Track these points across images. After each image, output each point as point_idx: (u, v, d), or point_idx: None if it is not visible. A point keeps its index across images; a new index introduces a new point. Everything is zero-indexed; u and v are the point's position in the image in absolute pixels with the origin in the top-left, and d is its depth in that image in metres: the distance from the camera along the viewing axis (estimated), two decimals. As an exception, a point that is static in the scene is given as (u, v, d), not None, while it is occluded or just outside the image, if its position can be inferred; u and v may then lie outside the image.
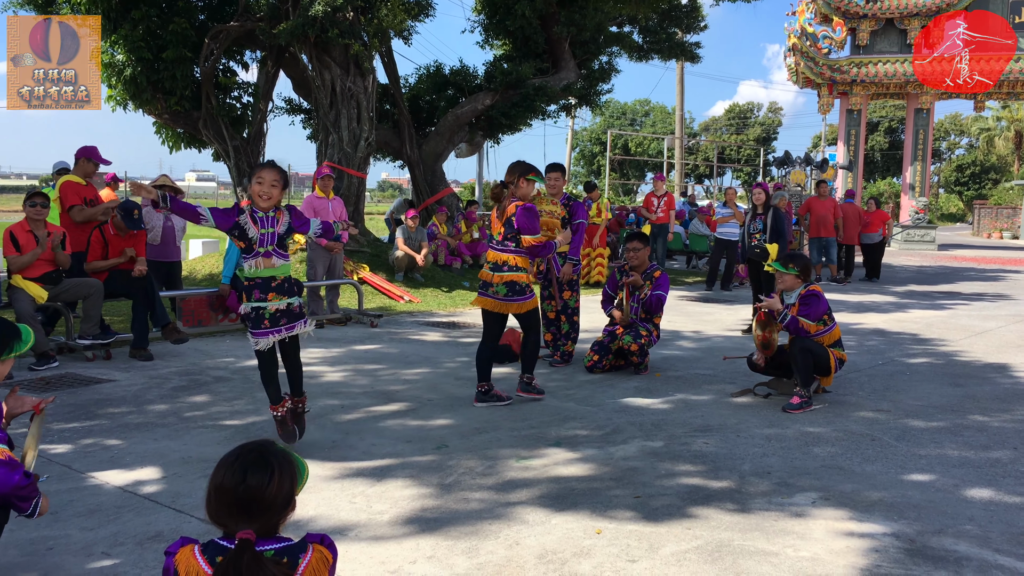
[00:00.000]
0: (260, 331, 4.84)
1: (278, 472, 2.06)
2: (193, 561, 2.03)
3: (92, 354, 7.55)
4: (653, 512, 4.06)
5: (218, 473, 2.06)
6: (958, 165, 60.03)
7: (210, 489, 2.07)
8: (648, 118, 64.28)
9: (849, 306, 12.08)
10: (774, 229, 9.84)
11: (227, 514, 2.04)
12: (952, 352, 8.57)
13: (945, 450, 5.14)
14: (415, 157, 16.02)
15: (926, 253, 25.34)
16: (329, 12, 11.84)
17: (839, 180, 26.55)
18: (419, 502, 4.18)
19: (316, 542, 2.12)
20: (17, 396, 3.18)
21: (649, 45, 18.87)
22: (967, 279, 17.00)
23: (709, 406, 6.23)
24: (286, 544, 2.07)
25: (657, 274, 7.36)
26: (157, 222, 8.72)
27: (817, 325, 6.18)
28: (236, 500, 2.02)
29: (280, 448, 2.13)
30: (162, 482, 4.42)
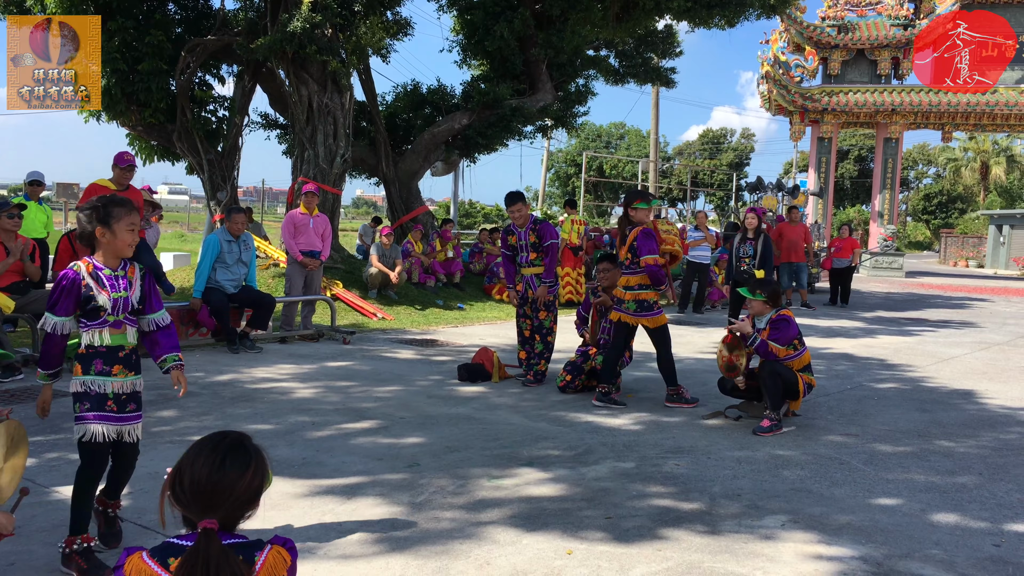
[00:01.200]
0: (100, 414, 3.64)
1: (255, 464, 2.03)
2: (144, 566, 1.97)
3: (58, 367, 7.42)
4: (624, 533, 4.06)
5: (194, 456, 2.00)
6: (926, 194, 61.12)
7: (181, 470, 2.00)
8: (623, 141, 64.79)
9: (818, 331, 12.22)
10: (763, 255, 9.94)
11: (194, 499, 1.98)
12: (919, 378, 8.69)
13: (912, 475, 5.20)
14: (391, 175, 16.02)
15: (894, 280, 25.71)
16: (308, 29, 11.86)
17: (810, 207, 26.91)
18: (389, 521, 4.15)
19: (276, 544, 2.08)
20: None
21: (625, 69, 19.08)
22: (934, 306, 17.27)
23: (680, 428, 6.26)
24: (242, 540, 2.02)
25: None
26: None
27: (787, 349, 6.24)
28: (209, 486, 1.97)
29: (255, 441, 2.11)
30: (128, 498, 4.35)
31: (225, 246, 8.85)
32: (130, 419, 3.77)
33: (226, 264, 8.86)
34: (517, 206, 7.72)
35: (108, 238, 3.55)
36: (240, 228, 8.96)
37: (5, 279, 7.23)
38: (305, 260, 9.90)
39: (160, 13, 13.37)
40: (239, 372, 7.86)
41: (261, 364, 8.29)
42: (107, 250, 3.59)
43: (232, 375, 7.72)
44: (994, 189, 55.64)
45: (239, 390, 7.10)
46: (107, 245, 3.57)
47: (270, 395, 6.92)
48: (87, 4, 12.06)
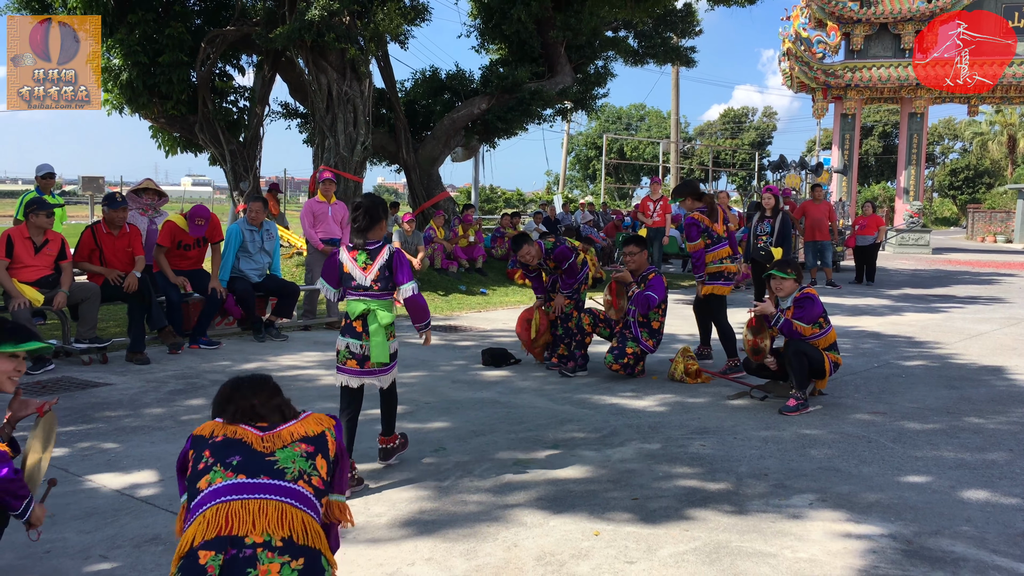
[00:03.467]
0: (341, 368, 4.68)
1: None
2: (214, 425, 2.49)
3: (88, 358, 7.54)
4: (651, 514, 4.07)
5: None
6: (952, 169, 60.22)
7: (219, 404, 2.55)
8: (643, 122, 64.39)
9: (844, 309, 12.12)
10: (781, 233, 9.87)
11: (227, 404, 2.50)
12: (947, 355, 8.60)
13: (941, 452, 5.16)
14: (411, 161, 16.03)
15: (920, 257, 25.42)
16: (326, 16, 11.86)
17: (833, 184, 26.63)
18: (417, 504, 4.19)
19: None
20: (21, 400, 3.16)
21: (644, 50, 18.93)
22: (962, 282, 17.06)
23: (705, 408, 6.24)
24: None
25: (651, 276, 7.36)
26: (142, 226, 8.72)
27: (812, 328, 6.19)
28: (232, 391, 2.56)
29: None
30: (159, 485, 4.42)
31: (247, 235, 8.90)
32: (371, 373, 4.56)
33: (249, 253, 8.92)
34: (523, 250, 7.48)
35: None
36: (257, 217, 8.99)
37: (33, 273, 7.32)
38: (326, 248, 9.95)
39: (179, 5, 13.41)
40: (265, 360, 7.93)
41: (287, 352, 8.36)
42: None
43: (259, 363, 7.79)
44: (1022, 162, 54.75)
45: (266, 378, 7.16)
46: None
47: (296, 382, 6.98)
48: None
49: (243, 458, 2.23)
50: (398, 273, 4.48)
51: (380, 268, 4.45)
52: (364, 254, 4.49)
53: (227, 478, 2.18)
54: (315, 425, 2.47)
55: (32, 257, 7.37)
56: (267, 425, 2.41)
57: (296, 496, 2.18)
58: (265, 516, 2.10)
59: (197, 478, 2.25)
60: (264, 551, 2.07)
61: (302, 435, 2.35)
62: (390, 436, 4.77)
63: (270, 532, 2.09)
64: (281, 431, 2.37)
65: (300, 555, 2.09)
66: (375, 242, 4.52)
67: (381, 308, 4.47)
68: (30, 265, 7.34)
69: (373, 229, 4.51)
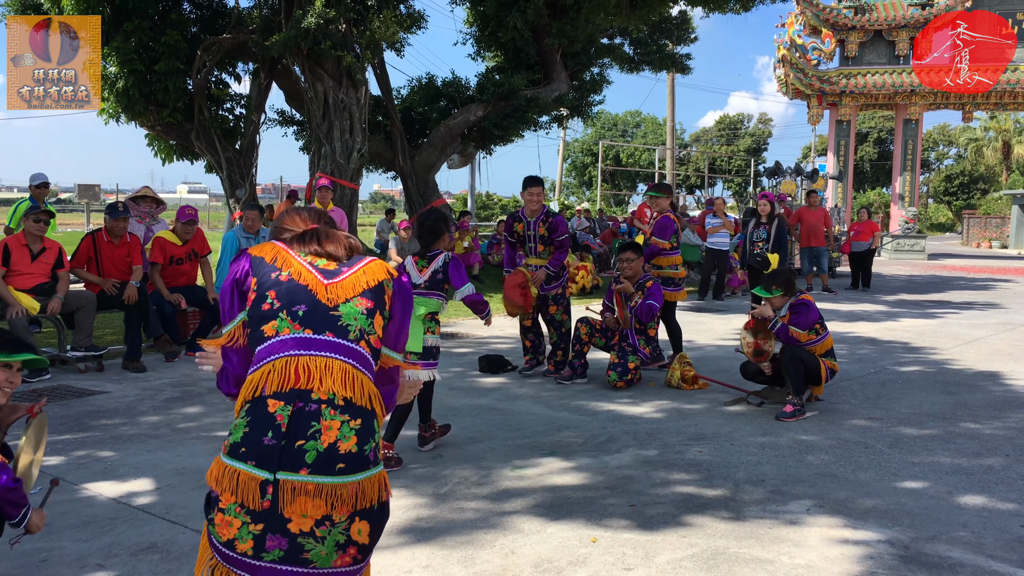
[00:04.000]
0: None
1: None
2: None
3: (84, 366, 7.53)
4: (648, 520, 4.07)
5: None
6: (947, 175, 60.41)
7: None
8: (639, 129, 64.51)
9: (840, 315, 12.13)
10: (777, 239, 9.90)
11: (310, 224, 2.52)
12: (943, 360, 8.61)
13: (938, 457, 5.16)
14: (408, 168, 16.05)
15: (916, 262, 25.48)
16: (322, 24, 11.89)
17: (829, 190, 26.69)
18: (414, 512, 4.18)
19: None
20: (10, 405, 3.15)
21: (640, 57, 19.00)
22: (957, 288, 17.10)
23: (702, 415, 6.25)
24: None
25: (649, 284, 7.36)
26: (139, 233, 8.71)
27: (808, 334, 6.20)
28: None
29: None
30: (156, 493, 4.41)
31: (243, 243, 8.91)
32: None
33: (245, 261, 8.92)
34: (536, 189, 7.40)
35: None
36: (254, 225, 9.01)
37: (29, 280, 7.31)
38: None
39: (175, 13, 13.46)
40: (262, 368, 7.91)
41: (283, 359, 8.34)
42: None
43: (255, 371, 7.77)
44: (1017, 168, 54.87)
45: (262, 385, 7.15)
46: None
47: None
48: (102, 5, 12.14)
49: (308, 309, 2.29)
50: (454, 278, 5.19)
51: (433, 271, 5.17)
52: (424, 260, 5.26)
53: (294, 330, 2.26)
54: (380, 273, 2.44)
55: (29, 265, 7.36)
56: (333, 268, 2.41)
57: (357, 357, 2.29)
58: (331, 375, 2.21)
59: (262, 319, 2.30)
60: (327, 408, 2.18)
61: (363, 287, 2.38)
62: (428, 423, 5.30)
63: (334, 391, 2.20)
64: (345, 280, 2.38)
65: (358, 416, 2.22)
66: (436, 251, 5.24)
67: (419, 301, 4.92)
68: (26, 273, 7.33)
69: (437, 243, 5.25)
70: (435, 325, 5.04)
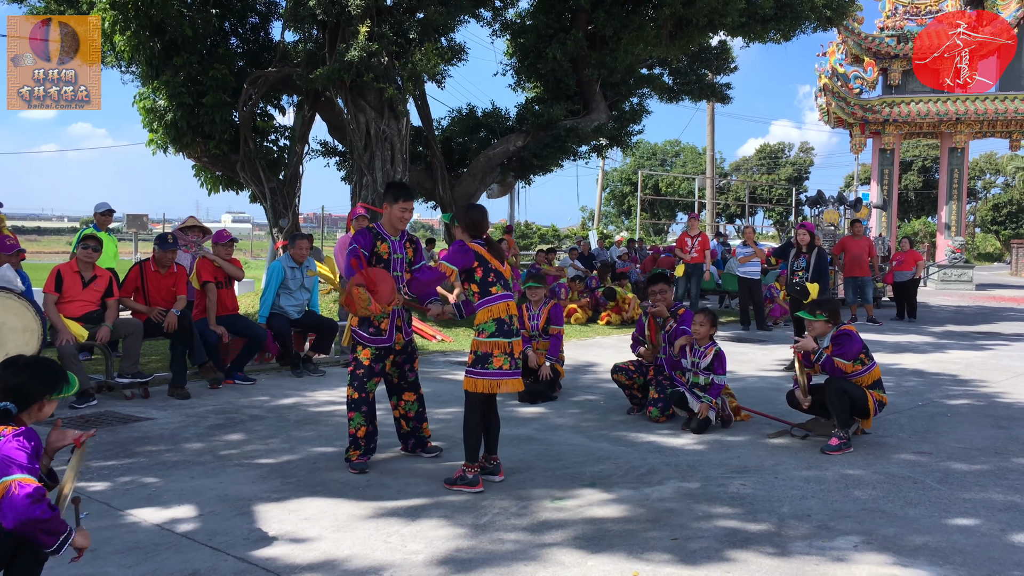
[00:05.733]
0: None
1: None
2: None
3: (131, 392, 7.65)
4: (691, 555, 4.00)
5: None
6: (994, 204, 59.26)
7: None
8: (679, 158, 64.39)
9: (886, 346, 11.91)
10: (817, 268, 9.81)
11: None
12: (994, 393, 8.40)
13: (990, 493, 5.02)
14: (448, 198, 16.16)
15: (964, 293, 24.95)
16: (365, 57, 12.08)
17: (873, 219, 26.33)
18: (453, 542, 4.16)
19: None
20: (60, 430, 3.22)
21: (679, 86, 18.97)
22: (1007, 319, 16.70)
23: (745, 447, 6.15)
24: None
25: (681, 312, 7.32)
26: (186, 262, 8.87)
27: (853, 365, 6.10)
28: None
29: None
30: (199, 520, 4.45)
31: (289, 272, 9.02)
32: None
33: (290, 290, 9.03)
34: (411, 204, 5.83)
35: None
36: (304, 254, 9.14)
37: (78, 308, 7.48)
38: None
39: (223, 47, 13.76)
40: (303, 395, 7.99)
41: (324, 387, 8.41)
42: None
43: (296, 398, 7.85)
44: (1066, 197, 53.72)
45: (304, 413, 7.21)
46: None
47: (333, 418, 7.01)
48: (153, 41, 12.47)
49: (503, 281, 5.17)
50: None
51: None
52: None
53: (501, 289, 5.13)
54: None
55: (80, 292, 7.53)
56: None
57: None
58: (514, 309, 5.08)
59: (490, 285, 5.15)
60: (518, 326, 5.18)
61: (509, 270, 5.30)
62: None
63: (516, 318, 5.08)
64: (506, 266, 5.31)
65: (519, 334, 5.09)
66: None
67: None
68: (77, 300, 7.51)
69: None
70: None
